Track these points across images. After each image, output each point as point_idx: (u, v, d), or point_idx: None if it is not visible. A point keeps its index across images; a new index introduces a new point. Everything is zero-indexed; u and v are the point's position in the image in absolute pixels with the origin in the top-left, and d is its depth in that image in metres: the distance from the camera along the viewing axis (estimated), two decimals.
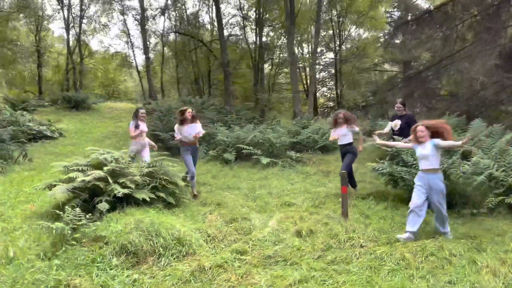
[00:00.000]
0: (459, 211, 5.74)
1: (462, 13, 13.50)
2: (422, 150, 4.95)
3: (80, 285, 3.67)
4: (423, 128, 4.96)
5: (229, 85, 17.28)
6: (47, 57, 29.47)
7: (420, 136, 4.95)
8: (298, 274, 3.95)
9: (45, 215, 5.76)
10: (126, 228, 4.71)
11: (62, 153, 12.00)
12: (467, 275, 3.75)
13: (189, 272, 4.09)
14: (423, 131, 4.94)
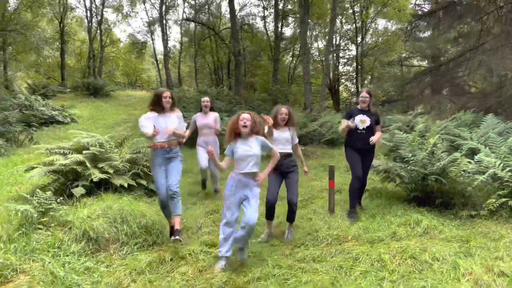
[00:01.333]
0: (456, 212, 5.27)
1: (489, 5, 12.73)
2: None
3: (29, 271, 3.50)
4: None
5: (239, 75, 17.00)
6: (70, 45, 30.00)
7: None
8: (259, 271, 3.65)
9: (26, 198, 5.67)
10: (93, 214, 4.53)
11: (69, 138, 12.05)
12: (443, 282, 3.36)
13: (146, 263, 3.87)
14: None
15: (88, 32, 27.17)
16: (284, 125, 4.78)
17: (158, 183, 4.61)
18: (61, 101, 18.90)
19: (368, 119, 5.25)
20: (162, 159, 4.60)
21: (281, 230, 5.05)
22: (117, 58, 32.94)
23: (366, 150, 5.32)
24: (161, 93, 4.73)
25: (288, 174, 4.73)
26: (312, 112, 12.94)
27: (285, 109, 4.78)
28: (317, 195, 6.40)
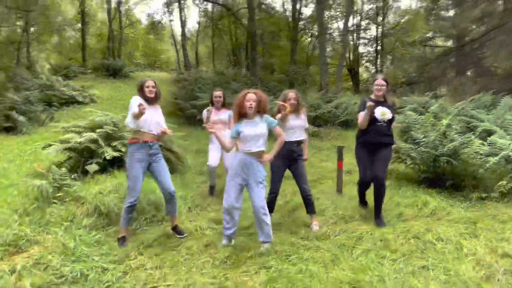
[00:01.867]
0: (467, 195, 5.20)
1: None
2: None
3: (43, 242, 3.67)
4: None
5: (256, 55, 16.83)
6: (91, 26, 30.27)
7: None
8: (260, 245, 3.74)
9: (43, 174, 5.89)
10: (104, 190, 4.69)
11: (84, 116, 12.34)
12: (444, 261, 3.36)
13: (154, 237, 4.01)
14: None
15: (108, 13, 27.30)
16: (294, 112, 4.52)
17: (134, 182, 3.89)
18: (82, 82, 19.23)
19: (389, 112, 4.39)
20: (143, 154, 3.93)
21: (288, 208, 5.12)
22: (136, 39, 33.13)
23: (383, 145, 4.45)
24: (144, 82, 4.10)
25: (296, 161, 4.50)
26: (327, 93, 12.79)
27: (293, 94, 4.60)
28: (327, 175, 6.42)
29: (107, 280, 3.12)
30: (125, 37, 30.22)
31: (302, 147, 4.57)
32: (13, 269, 3.07)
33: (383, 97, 4.49)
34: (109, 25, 26.78)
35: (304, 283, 2.94)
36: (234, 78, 15.88)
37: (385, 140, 4.43)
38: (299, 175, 4.50)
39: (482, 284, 2.99)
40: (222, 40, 27.74)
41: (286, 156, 4.43)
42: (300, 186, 4.50)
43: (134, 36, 32.74)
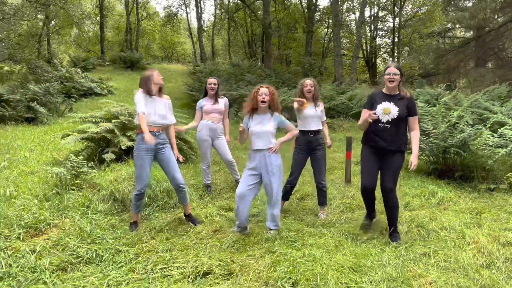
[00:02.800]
0: (475, 186, 5.22)
1: None
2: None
3: (61, 225, 3.88)
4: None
5: (270, 47, 16.85)
6: (109, 19, 30.69)
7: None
8: (267, 231, 3.88)
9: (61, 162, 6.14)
10: (119, 177, 4.89)
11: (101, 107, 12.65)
12: (446, 249, 3.44)
13: (166, 223, 4.18)
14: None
15: (126, 6, 27.65)
16: (312, 99, 4.61)
17: (141, 171, 3.96)
18: (100, 74, 19.63)
19: (395, 109, 3.59)
20: (149, 145, 3.89)
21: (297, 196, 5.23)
22: (153, 32, 33.45)
23: (389, 152, 3.65)
24: (151, 75, 4.08)
25: (316, 152, 4.56)
26: (341, 85, 12.78)
27: (310, 81, 4.63)
28: (337, 166, 6.50)
29: (121, 260, 3.30)
30: (142, 30, 30.57)
31: (319, 137, 4.60)
32: (34, 250, 3.27)
33: (396, 89, 3.68)
34: (127, 17, 27.12)
35: (306, 266, 3.06)
36: (249, 70, 15.99)
37: (390, 146, 3.61)
38: (316, 167, 4.59)
39: (481, 271, 3.06)
40: (238, 32, 27.80)
41: (304, 147, 4.54)
42: (316, 177, 4.59)
43: (151, 28, 33.06)
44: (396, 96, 3.69)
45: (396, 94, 3.70)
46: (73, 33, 30.10)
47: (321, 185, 4.53)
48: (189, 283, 2.93)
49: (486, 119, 6.49)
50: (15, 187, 4.84)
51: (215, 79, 5.39)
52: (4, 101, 10.41)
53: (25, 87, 11.36)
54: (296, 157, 4.56)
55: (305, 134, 4.49)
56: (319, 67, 19.05)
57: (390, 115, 3.61)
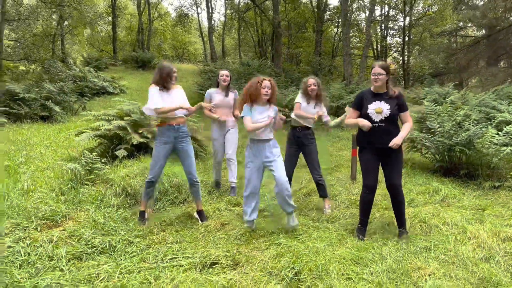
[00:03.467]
0: (480, 183, 5.29)
1: None
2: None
3: (76, 218, 4.07)
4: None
5: (279, 47, 16.96)
6: (121, 19, 31.10)
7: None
8: (273, 226, 4.01)
9: (76, 158, 6.35)
10: (131, 173, 5.07)
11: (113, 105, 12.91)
12: (446, 243, 3.53)
13: (176, 216, 4.34)
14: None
15: (137, 6, 27.99)
16: (315, 98, 4.73)
17: (155, 161, 4.11)
18: (112, 73, 19.96)
19: (386, 107, 3.67)
20: (169, 137, 4.10)
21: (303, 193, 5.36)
22: (164, 31, 33.79)
23: (388, 150, 3.69)
24: (171, 69, 4.11)
25: (305, 147, 4.72)
26: (350, 84, 12.84)
27: (313, 80, 4.76)
28: (344, 164, 6.60)
29: (132, 251, 3.47)
30: (154, 30, 30.89)
31: (308, 133, 4.74)
32: (51, 240, 3.45)
33: (385, 88, 3.74)
34: (139, 18, 27.44)
35: (309, 258, 3.18)
36: (258, 69, 16.13)
37: (387, 144, 3.63)
38: (309, 161, 4.76)
39: (480, 264, 3.15)
40: (248, 31, 27.97)
41: (294, 142, 4.75)
42: (311, 171, 4.75)
43: (163, 28, 33.41)
44: (384, 94, 3.75)
45: (384, 93, 3.75)
46: (86, 33, 30.56)
47: (317, 179, 4.68)
48: (197, 272, 3.07)
49: (493, 118, 6.53)
50: (32, 181, 5.04)
51: (227, 71, 5.34)
52: (20, 100, 10.71)
53: (40, 86, 11.67)
54: (287, 151, 4.75)
55: (293, 129, 4.74)
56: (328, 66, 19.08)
57: (382, 114, 3.68)
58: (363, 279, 2.95)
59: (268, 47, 27.50)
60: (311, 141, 4.75)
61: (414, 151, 6.18)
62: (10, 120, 10.34)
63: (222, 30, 28.98)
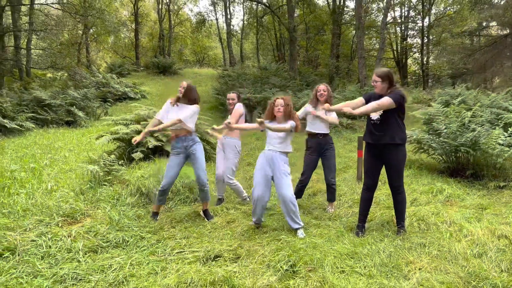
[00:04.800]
0: (485, 183, 5.34)
1: None
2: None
3: (93, 215, 4.39)
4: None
5: (294, 51, 17.15)
6: (143, 26, 31.94)
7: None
8: (276, 223, 4.22)
9: (95, 160, 6.73)
10: (145, 174, 5.38)
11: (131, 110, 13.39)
12: (441, 240, 3.66)
13: (185, 214, 4.61)
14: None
15: (158, 13, 28.72)
16: (323, 103, 4.78)
17: (167, 170, 4.48)
18: (134, 79, 20.59)
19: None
20: (180, 148, 4.47)
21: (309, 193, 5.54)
22: (185, 37, 34.46)
23: (385, 147, 3.85)
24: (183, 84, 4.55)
25: (325, 152, 4.89)
26: (365, 86, 12.90)
27: (323, 86, 4.95)
28: (352, 165, 6.74)
29: (143, 245, 3.75)
30: (175, 36, 31.57)
31: (328, 138, 4.92)
32: (70, 235, 3.77)
33: (387, 91, 3.86)
34: (160, 24, 28.13)
35: (306, 251, 3.38)
36: (276, 73, 16.36)
37: (382, 140, 3.82)
38: (326, 166, 4.93)
39: (472, 259, 3.27)
40: (266, 36, 28.28)
41: (315, 149, 4.89)
42: (326, 176, 4.92)
43: (183, 34, 34.09)
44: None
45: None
46: (110, 40, 31.52)
47: (331, 183, 4.84)
48: (200, 264, 3.32)
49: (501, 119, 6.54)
50: (55, 182, 5.42)
51: (235, 93, 5.35)
52: (47, 106, 11.30)
53: (65, 92, 12.27)
54: (308, 159, 4.89)
55: (314, 137, 4.85)
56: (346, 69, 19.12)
57: (377, 113, 3.85)
58: (356, 272, 3.13)
59: (286, 51, 27.71)
60: (331, 145, 4.94)
61: (421, 152, 6.27)
62: (38, 125, 10.92)
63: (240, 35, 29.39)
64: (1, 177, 5.42)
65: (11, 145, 8.60)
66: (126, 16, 31.50)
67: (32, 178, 5.58)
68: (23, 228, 3.79)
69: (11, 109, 10.52)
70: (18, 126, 9.94)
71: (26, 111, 11.02)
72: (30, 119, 10.76)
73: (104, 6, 23.90)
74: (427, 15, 22.63)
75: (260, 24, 26.55)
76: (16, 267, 3.06)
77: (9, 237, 3.48)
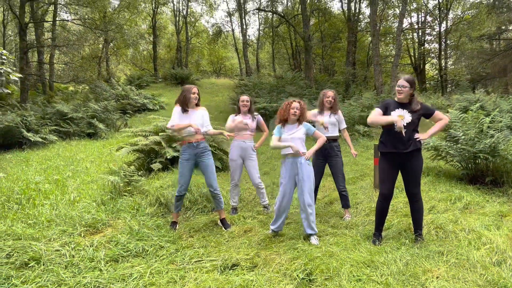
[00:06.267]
0: (506, 190, 5.25)
1: None
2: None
3: (114, 225, 4.51)
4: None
5: (309, 59, 17.20)
6: (161, 38, 32.58)
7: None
8: (293, 231, 4.26)
9: (116, 171, 6.90)
10: (164, 184, 5.50)
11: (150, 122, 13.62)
12: (460, 248, 3.62)
13: (203, 224, 4.69)
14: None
15: (176, 26, 29.26)
16: (329, 109, 5.00)
17: (180, 177, 4.54)
18: (153, 91, 20.99)
19: (408, 114, 3.81)
20: (190, 154, 4.51)
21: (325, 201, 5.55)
22: (202, 48, 34.96)
23: (407, 155, 3.85)
24: (190, 88, 4.59)
25: (331, 159, 4.94)
26: (381, 93, 12.83)
27: (331, 93, 5.03)
28: (369, 173, 6.71)
29: (163, 254, 3.83)
30: (192, 47, 32.06)
31: (335, 145, 4.95)
32: (92, 244, 3.89)
33: (407, 100, 3.90)
34: (177, 36, 28.63)
35: (322, 260, 3.40)
36: (291, 81, 16.44)
37: (408, 149, 3.82)
38: (334, 172, 4.97)
39: (490, 267, 3.23)
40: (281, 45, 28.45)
41: (321, 154, 4.93)
42: (336, 182, 4.96)
43: (200, 45, 34.60)
44: (408, 105, 3.89)
45: (407, 104, 3.90)
46: (129, 52, 32.24)
47: (341, 190, 4.87)
48: (218, 273, 3.38)
49: None
50: (77, 193, 5.59)
51: (248, 96, 5.35)
52: (69, 119, 11.64)
53: (86, 105, 12.61)
54: (314, 163, 4.90)
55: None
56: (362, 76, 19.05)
57: (404, 120, 3.80)
58: (373, 281, 3.13)
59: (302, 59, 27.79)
60: (337, 153, 4.97)
61: (439, 159, 6.21)
62: (61, 137, 11.26)
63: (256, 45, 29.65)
64: (27, 189, 5.62)
65: (35, 157, 8.90)
66: (145, 29, 32.20)
67: (56, 190, 5.76)
68: (47, 238, 3.93)
69: (35, 122, 10.89)
70: (41, 139, 10.27)
71: (50, 124, 11.39)
72: (53, 132, 11.11)
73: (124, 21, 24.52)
74: (444, 20, 22.39)
75: (275, 33, 26.74)
76: (41, 276, 3.18)
77: (34, 247, 3.62)
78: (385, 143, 3.98)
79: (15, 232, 3.97)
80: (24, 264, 3.38)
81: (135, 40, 26.14)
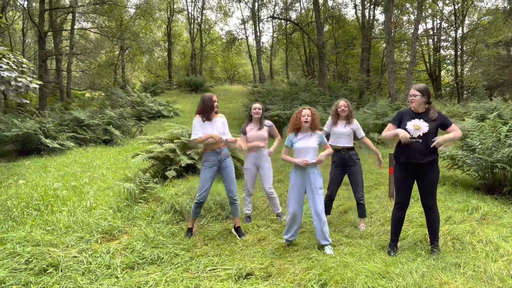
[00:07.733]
0: None
1: None
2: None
3: (130, 232, 4.57)
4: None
5: (323, 66, 17.19)
6: (176, 45, 32.97)
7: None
8: (307, 241, 4.25)
9: (131, 178, 6.99)
10: (179, 192, 5.55)
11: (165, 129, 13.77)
12: (477, 260, 3.57)
13: (217, 232, 4.72)
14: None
15: (190, 33, 29.59)
16: (345, 118, 4.97)
17: (202, 184, 4.57)
18: (167, 97, 21.23)
19: (424, 124, 3.77)
20: (213, 161, 4.56)
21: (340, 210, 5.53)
22: (216, 55, 35.27)
23: (422, 166, 3.80)
24: (211, 97, 4.61)
25: (350, 168, 4.92)
26: (395, 101, 12.74)
27: (344, 102, 5.02)
28: (384, 182, 6.66)
29: (177, 262, 3.87)
30: (206, 54, 32.37)
31: (352, 154, 4.93)
32: (108, 251, 3.95)
33: (423, 109, 3.86)
34: (192, 43, 28.94)
35: (337, 270, 3.39)
36: (305, 88, 16.43)
37: (424, 159, 3.76)
38: (353, 182, 4.95)
39: (508, 280, 3.18)
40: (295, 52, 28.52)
41: (339, 164, 4.94)
42: (354, 191, 4.94)
43: (214, 52, 34.91)
44: (424, 114, 3.85)
45: (424, 113, 3.85)
46: (144, 60, 32.71)
47: (359, 199, 4.83)
48: (232, 282, 3.39)
49: None
50: (94, 200, 5.69)
51: (260, 104, 5.33)
52: (85, 126, 11.85)
53: (102, 112, 12.82)
54: (333, 173, 4.95)
55: (338, 152, 4.88)
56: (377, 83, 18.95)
57: (421, 130, 3.77)
58: None
59: (316, 66, 27.80)
60: (356, 161, 4.94)
61: (456, 168, 6.13)
62: (78, 144, 11.46)
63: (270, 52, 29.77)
64: (45, 195, 5.74)
65: (53, 164, 9.07)
66: (160, 36, 32.65)
67: (73, 196, 5.87)
68: (65, 244, 4.00)
69: (53, 129, 11.12)
70: (59, 145, 10.48)
71: (67, 131, 11.61)
72: (70, 138, 11.32)
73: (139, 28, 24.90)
74: (460, 26, 22.16)
75: (289, 40, 26.83)
76: (59, 283, 3.24)
77: (52, 253, 3.70)
78: (400, 152, 3.93)
79: (34, 238, 4.06)
80: (42, 270, 3.45)
81: (150, 47, 26.50)
